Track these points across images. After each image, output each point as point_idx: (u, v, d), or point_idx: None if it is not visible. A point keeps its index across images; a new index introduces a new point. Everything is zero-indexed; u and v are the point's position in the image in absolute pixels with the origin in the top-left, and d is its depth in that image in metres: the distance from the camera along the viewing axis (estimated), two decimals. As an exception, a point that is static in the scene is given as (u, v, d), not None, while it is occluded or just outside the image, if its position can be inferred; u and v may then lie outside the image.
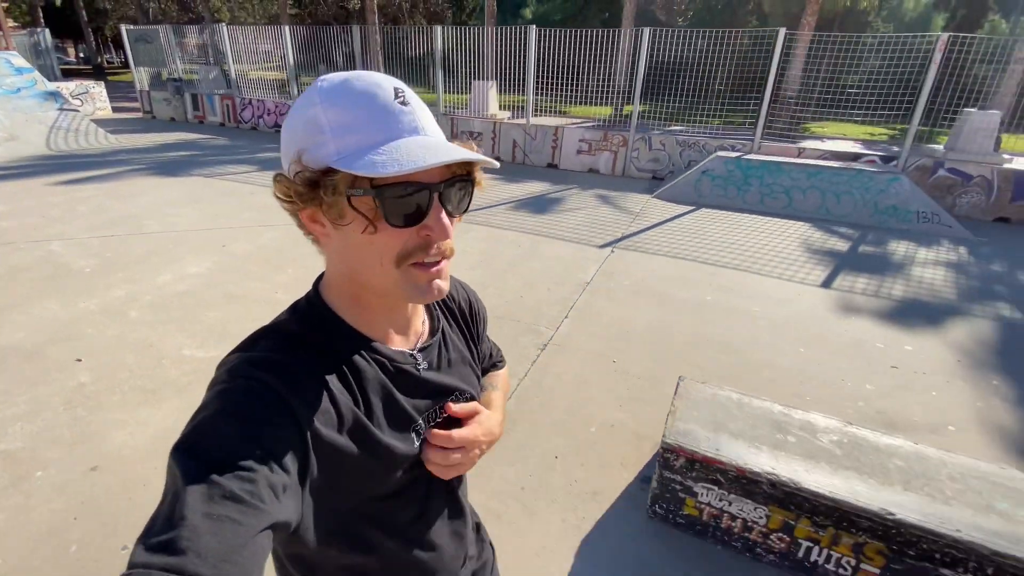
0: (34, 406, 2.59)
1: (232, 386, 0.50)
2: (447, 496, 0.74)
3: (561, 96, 8.92)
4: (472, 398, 0.74)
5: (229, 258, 4.51)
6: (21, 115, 9.36)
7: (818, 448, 1.90)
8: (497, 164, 0.58)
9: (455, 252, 0.60)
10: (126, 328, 3.35)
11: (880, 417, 2.79)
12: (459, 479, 0.76)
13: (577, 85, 8.84)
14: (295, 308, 0.63)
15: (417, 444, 0.64)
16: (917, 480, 1.77)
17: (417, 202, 0.53)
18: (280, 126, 10.23)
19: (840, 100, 7.74)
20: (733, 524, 1.90)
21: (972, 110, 7.28)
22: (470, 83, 9.73)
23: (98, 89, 13.86)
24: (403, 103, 0.52)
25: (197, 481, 0.41)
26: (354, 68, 10.24)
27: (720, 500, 1.89)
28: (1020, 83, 11.05)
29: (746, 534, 1.89)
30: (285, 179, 0.53)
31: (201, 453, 0.44)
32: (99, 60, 28.09)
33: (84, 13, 26.51)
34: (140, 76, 13.36)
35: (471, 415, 0.70)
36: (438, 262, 0.58)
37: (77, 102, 13.17)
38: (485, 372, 0.88)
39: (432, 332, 0.72)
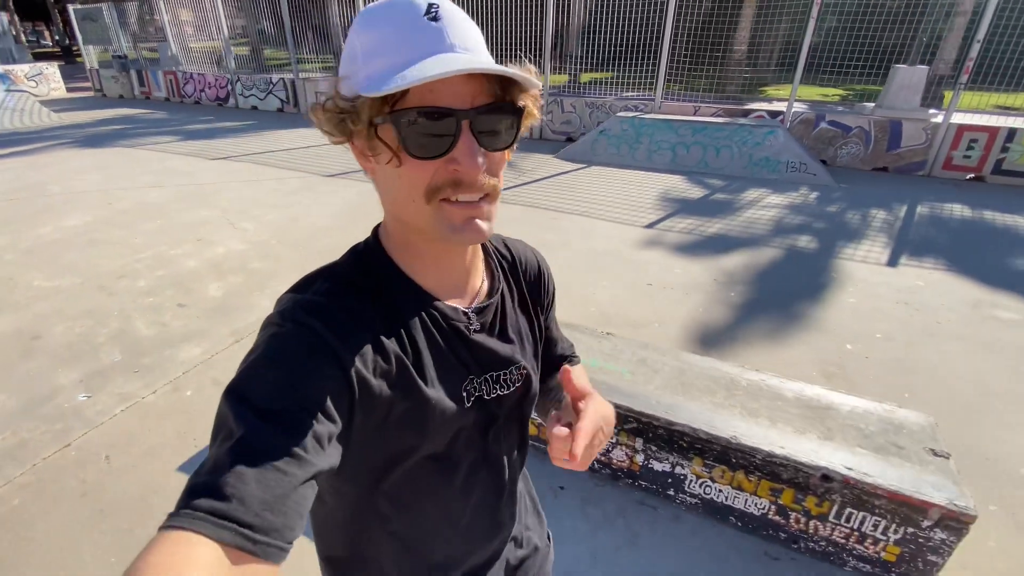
0: None
1: (282, 331, 0.51)
2: (499, 470, 0.72)
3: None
4: (526, 373, 0.71)
5: (109, 213, 5.12)
6: (-36, 96, 9.92)
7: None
8: (539, 84, 0.53)
9: (500, 192, 0.56)
10: (-6, 267, 3.98)
11: (602, 317, 3.38)
12: (521, 459, 0.76)
13: (525, 52, 9.13)
14: (354, 251, 0.63)
15: (469, 404, 0.63)
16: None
17: (441, 130, 0.50)
18: (221, 99, 10.60)
19: (787, 62, 8.00)
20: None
21: (901, 66, 7.60)
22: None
23: (52, 70, 14.35)
24: (433, 18, 0.49)
25: (245, 427, 0.43)
26: (285, 37, 10.49)
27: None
28: (963, 37, 11.27)
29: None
30: (319, 109, 0.52)
31: (249, 399, 0.45)
32: (67, 42, 28.35)
33: (49, -7, 26.78)
34: (89, 55, 13.84)
35: (583, 396, 0.63)
36: (475, 202, 0.53)
37: (32, 83, 13.73)
38: (553, 362, 0.84)
39: (490, 293, 0.69)
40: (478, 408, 0.65)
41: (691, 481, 1.96)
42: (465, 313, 0.64)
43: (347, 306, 0.55)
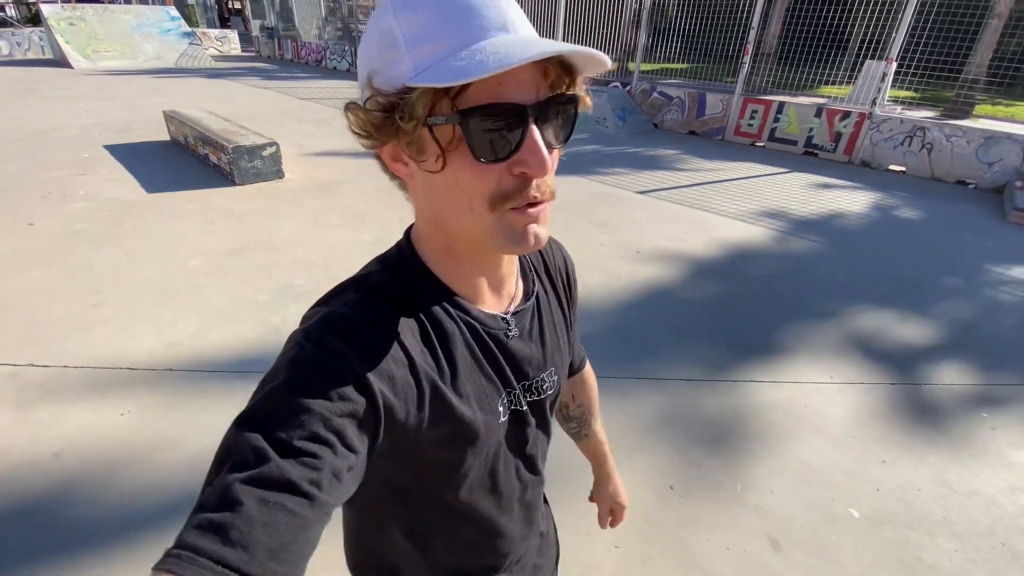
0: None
1: (304, 354, 0.51)
2: (535, 475, 0.78)
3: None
4: (557, 378, 0.75)
5: (174, 100, 10.39)
6: (167, 46, 17.02)
7: (251, 148, 6.71)
8: (610, 63, 0.50)
9: (555, 195, 0.55)
10: (102, 113, 9.28)
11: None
12: (542, 461, 0.80)
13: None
14: (384, 258, 0.64)
15: (504, 417, 0.66)
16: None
17: (509, 129, 0.47)
18: (317, 61, 16.93)
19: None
20: (197, 152, 6.84)
21: (871, 61, 8.89)
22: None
23: (232, 35, 21.92)
24: None
25: (259, 460, 0.43)
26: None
27: (193, 142, 6.83)
28: (999, 40, 11.77)
29: (204, 154, 6.81)
30: (358, 108, 0.50)
31: (266, 429, 0.45)
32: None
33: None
34: (253, 26, 20.93)
35: (616, 515, 1.10)
36: (537, 203, 0.53)
37: (218, 42, 21.26)
38: (571, 367, 0.93)
39: (527, 295, 0.71)
40: (513, 420, 0.69)
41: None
42: (503, 319, 0.66)
43: (377, 321, 0.55)
